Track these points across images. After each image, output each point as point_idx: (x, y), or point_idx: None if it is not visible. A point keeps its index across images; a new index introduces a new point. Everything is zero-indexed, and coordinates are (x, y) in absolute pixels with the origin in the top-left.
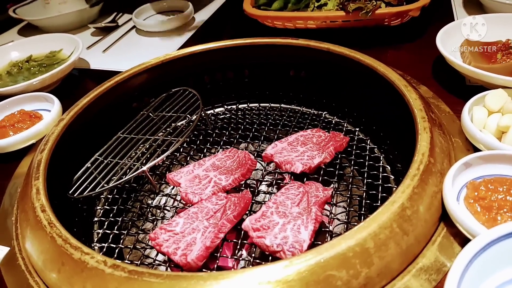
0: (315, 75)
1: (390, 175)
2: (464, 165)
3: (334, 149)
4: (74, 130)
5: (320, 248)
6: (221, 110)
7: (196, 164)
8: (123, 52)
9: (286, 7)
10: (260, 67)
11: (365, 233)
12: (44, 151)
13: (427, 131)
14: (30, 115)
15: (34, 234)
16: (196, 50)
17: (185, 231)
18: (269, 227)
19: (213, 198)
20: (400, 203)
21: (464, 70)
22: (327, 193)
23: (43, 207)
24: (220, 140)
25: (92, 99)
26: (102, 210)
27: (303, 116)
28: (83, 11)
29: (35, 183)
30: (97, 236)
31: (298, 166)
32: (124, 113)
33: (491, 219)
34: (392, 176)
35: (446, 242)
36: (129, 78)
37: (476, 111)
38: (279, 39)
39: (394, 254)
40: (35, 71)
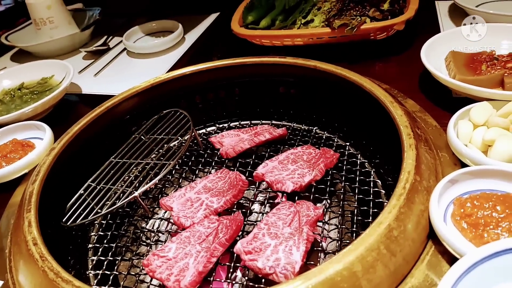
0: (304, 91)
1: (381, 189)
2: (450, 182)
3: (324, 166)
4: (66, 158)
5: (309, 274)
6: (213, 129)
7: (188, 187)
8: (115, 75)
9: (274, 24)
10: (250, 85)
11: (352, 256)
12: (35, 182)
13: (413, 148)
14: (23, 144)
15: (26, 268)
16: (186, 72)
17: (178, 256)
18: (261, 249)
19: (205, 222)
20: (386, 224)
21: (449, 84)
22: (318, 212)
23: (34, 240)
24: (212, 160)
25: (83, 126)
26: (96, 236)
27: (294, 132)
28: (74, 35)
29: (27, 215)
30: (91, 263)
31: (289, 185)
32: (115, 138)
33: (478, 236)
34: (383, 190)
35: (435, 260)
36: (119, 102)
37: (462, 125)
38: (267, 58)
39: (383, 276)
40: (27, 98)
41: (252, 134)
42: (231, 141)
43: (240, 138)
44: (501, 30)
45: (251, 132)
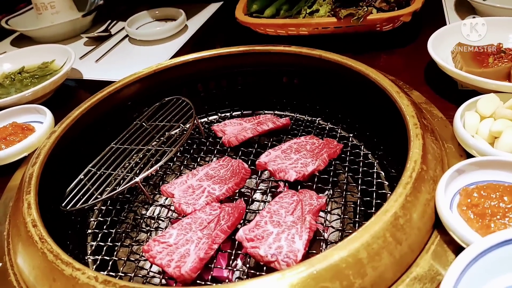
0: (308, 81)
1: (384, 181)
2: (457, 172)
3: (328, 156)
4: (66, 142)
5: (313, 260)
6: (215, 118)
7: (190, 174)
8: (116, 61)
9: (279, 14)
10: (253, 75)
11: (357, 243)
12: (35, 164)
13: (419, 138)
14: (22, 127)
15: (25, 250)
16: (189, 59)
17: (179, 242)
18: (263, 237)
19: (207, 208)
20: (392, 212)
21: (455, 75)
22: (321, 201)
23: (34, 222)
24: (214, 149)
25: (84, 111)
26: (96, 221)
27: (297, 122)
28: (75, 21)
29: (27, 197)
30: (90, 248)
31: (292, 174)
32: (117, 123)
33: (484, 226)
34: (386, 182)
35: (440, 250)
36: (121, 88)
37: (468, 117)
38: (271, 46)
39: (388, 264)
40: (27, 82)
41: (255, 123)
42: (233, 130)
43: (242, 127)
44: (509, 23)
45: (254, 121)
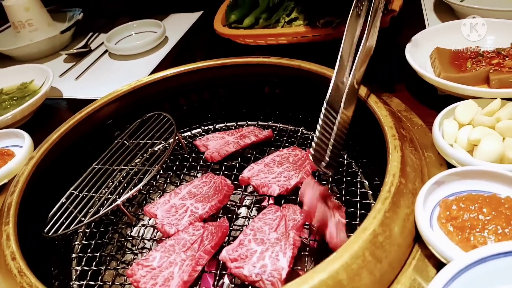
0: (289, 91)
1: (368, 190)
2: (436, 184)
3: (311, 168)
4: (46, 166)
5: (292, 284)
6: (198, 131)
7: (173, 193)
8: (96, 78)
9: (258, 23)
10: (235, 86)
11: (337, 264)
12: (14, 193)
13: (398, 150)
14: (2, 152)
15: (5, 283)
16: (169, 74)
17: (162, 265)
18: (247, 256)
19: (190, 229)
20: (371, 229)
21: (433, 82)
22: (305, 216)
23: (13, 254)
24: (197, 164)
25: (63, 133)
26: (80, 245)
27: (281, 133)
28: (54, 38)
29: (5, 228)
30: (75, 273)
31: (275, 188)
32: (98, 143)
33: (464, 239)
34: (370, 191)
35: (422, 264)
36: (101, 107)
37: (447, 125)
38: (250, 58)
39: (368, 284)
40: (6, 105)
41: (237, 137)
42: (216, 144)
43: (225, 141)
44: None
45: (236, 135)
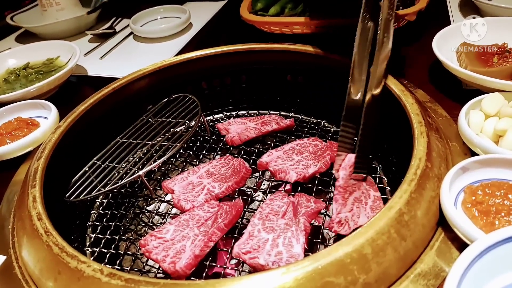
0: (312, 80)
1: (386, 186)
2: (462, 170)
3: (330, 159)
4: (72, 136)
5: (317, 255)
6: (220, 117)
7: (191, 171)
8: (121, 58)
9: (283, 12)
10: (257, 73)
11: (362, 239)
12: (40, 158)
13: (424, 136)
14: (27, 122)
15: (30, 243)
16: (194, 56)
17: (175, 238)
18: (259, 246)
19: (205, 206)
20: (397, 208)
21: (460, 74)
22: (319, 205)
23: (39, 215)
24: (217, 147)
25: (89, 106)
26: (96, 214)
27: (302, 124)
28: (80, 18)
29: (32, 191)
30: (89, 240)
31: (293, 175)
32: (122, 119)
33: (489, 223)
34: (389, 187)
35: (444, 247)
36: (126, 84)
37: (473, 115)
38: (276, 44)
39: (392, 260)
40: (32, 78)
41: (259, 123)
42: (237, 129)
43: (246, 127)
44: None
45: (258, 121)
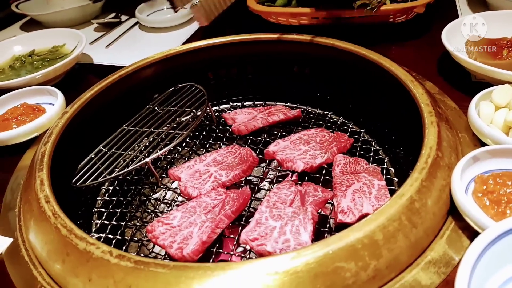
0: (319, 71)
1: (393, 177)
2: (472, 159)
3: (337, 150)
4: (78, 122)
5: (328, 240)
6: (226, 107)
7: (198, 159)
8: (126, 47)
9: (290, 3)
10: (263, 63)
11: (373, 225)
12: (48, 143)
13: (434, 125)
14: (34, 108)
15: (38, 225)
16: (200, 45)
17: (182, 224)
18: (267, 233)
19: (212, 193)
20: (408, 196)
21: (470, 65)
22: (327, 195)
23: (47, 198)
24: (223, 136)
25: (96, 93)
26: (102, 201)
27: (309, 115)
28: (85, 6)
29: (39, 174)
30: (95, 226)
31: (300, 164)
32: (128, 107)
33: (500, 212)
34: (396, 178)
35: (455, 235)
36: (132, 72)
37: (483, 106)
38: (283, 34)
39: (403, 247)
40: (38, 65)
41: (266, 113)
42: (244, 119)
43: (253, 116)
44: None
45: (265, 112)
